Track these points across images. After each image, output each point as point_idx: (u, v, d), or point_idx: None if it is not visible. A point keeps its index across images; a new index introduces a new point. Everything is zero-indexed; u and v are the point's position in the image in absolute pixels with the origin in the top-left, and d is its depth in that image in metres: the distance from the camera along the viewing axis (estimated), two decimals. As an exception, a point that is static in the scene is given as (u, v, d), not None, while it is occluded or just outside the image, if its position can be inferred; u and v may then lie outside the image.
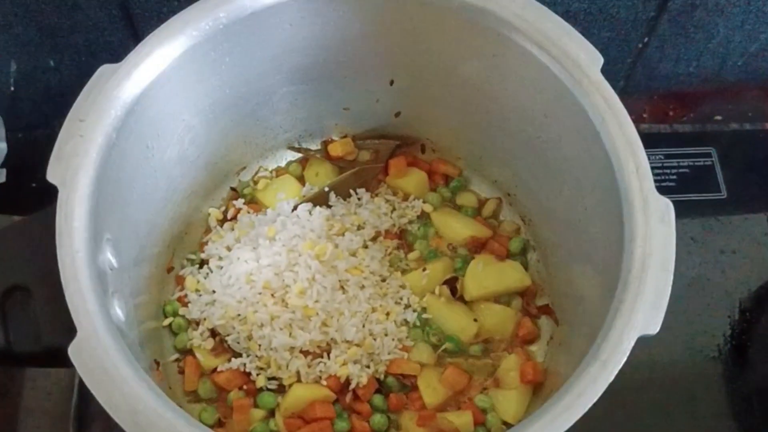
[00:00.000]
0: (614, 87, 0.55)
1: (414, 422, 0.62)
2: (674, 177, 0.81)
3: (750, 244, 0.78)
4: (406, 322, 0.67)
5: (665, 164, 0.82)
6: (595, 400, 0.45)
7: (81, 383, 0.68)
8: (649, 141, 0.56)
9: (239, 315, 0.65)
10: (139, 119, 0.55)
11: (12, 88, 0.81)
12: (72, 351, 0.45)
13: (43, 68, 0.80)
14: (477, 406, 0.63)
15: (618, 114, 0.54)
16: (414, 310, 0.67)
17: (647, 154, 0.53)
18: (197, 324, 0.66)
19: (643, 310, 0.47)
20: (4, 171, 0.77)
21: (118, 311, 0.52)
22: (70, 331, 0.46)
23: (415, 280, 0.68)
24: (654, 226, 0.50)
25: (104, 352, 0.45)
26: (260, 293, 0.65)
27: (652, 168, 0.58)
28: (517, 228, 0.72)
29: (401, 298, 0.68)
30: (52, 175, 0.50)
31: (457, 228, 0.70)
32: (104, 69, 0.54)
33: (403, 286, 0.68)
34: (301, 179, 0.74)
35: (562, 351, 0.62)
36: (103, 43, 0.77)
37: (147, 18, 0.74)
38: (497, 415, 0.63)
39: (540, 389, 0.63)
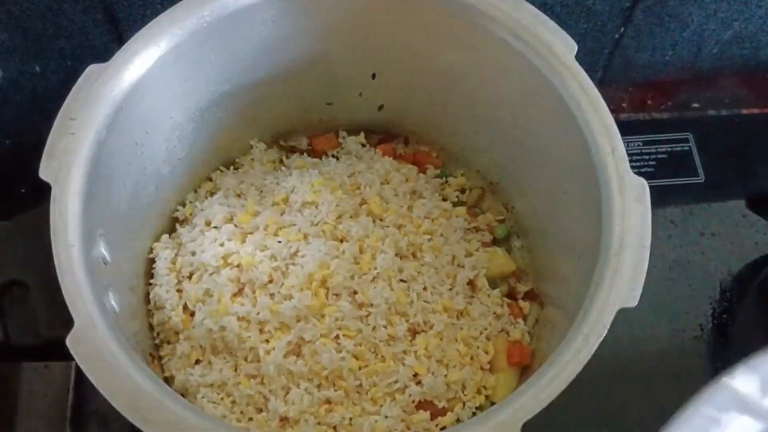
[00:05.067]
0: (593, 78, 0.57)
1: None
2: (653, 163, 0.83)
3: (729, 227, 0.80)
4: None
5: (644, 151, 0.83)
6: (577, 372, 0.47)
7: (77, 384, 0.69)
8: (629, 129, 0.58)
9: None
10: (128, 117, 0.56)
11: (-2, 95, 0.82)
12: (70, 341, 0.46)
13: (29, 74, 0.80)
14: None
15: (593, 99, 0.55)
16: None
17: (626, 142, 0.55)
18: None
19: (622, 284, 0.49)
20: (-7, 177, 0.77)
21: (113, 304, 0.54)
22: (68, 323, 0.47)
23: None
24: (630, 205, 0.52)
25: (102, 342, 0.47)
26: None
27: (631, 155, 0.60)
28: (500, 215, 0.73)
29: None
30: (45, 173, 0.51)
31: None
32: (93, 68, 0.55)
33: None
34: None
35: (547, 332, 0.64)
36: (87, 47, 0.78)
37: (131, 22, 0.75)
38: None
39: (527, 370, 0.64)
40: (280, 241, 0.64)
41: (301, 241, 0.64)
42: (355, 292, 0.62)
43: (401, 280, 0.64)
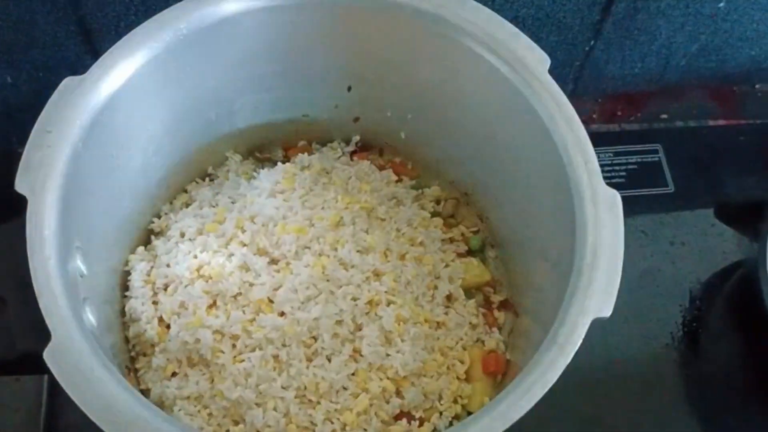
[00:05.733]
0: (564, 89, 0.58)
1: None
2: (623, 174, 0.84)
3: (698, 236, 0.82)
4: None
5: (615, 162, 0.85)
6: (553, 382, 0.47)
7: (49, 398, 0.69)
8: (599, 140, 0.59)
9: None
10: (105, 130, 0.56)
11: (-30, 106, 0.81)
12: (47, 355, 0.46)
13: (0, 85, 0.80)
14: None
15: (566, 112, 0.56)
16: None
17: (597, 153, 0.56)
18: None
19: (596, 294, 0.50)
20: (-35, 188, 0.76)
21: (90, 317, 0.53)
22: (45, 337, 0.47)
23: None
24: (603, 216, 0.53)
25: (79, 355, 0.46)
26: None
27: (603, 166, 0.61)
28: (475, 226, 0.73)
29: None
30: (21, 186, 0.51)
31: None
32: (69, 81, 0.55)
33: None
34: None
35: (522, 341, 0.64)
36: (60, 58, 0.77)
37: (104, 33, 0.75)
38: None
39: (503, 380, 0.64)
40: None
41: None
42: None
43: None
